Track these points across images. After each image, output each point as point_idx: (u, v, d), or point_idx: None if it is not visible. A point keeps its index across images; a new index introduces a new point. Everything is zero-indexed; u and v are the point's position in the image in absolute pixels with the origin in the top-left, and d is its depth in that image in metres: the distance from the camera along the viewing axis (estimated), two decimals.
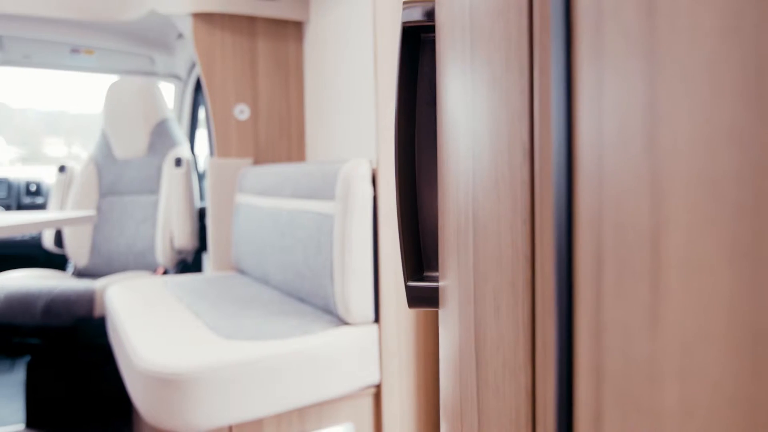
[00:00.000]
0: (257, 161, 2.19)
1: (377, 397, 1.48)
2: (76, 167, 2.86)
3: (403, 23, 0.49)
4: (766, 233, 0.16)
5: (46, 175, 3.39)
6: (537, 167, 0.30)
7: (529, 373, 0.32)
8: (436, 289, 0.50)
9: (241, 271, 2.11)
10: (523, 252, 0.32)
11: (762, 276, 0.16)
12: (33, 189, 3.29)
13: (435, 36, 0.50)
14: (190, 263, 2.71)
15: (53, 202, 2.79)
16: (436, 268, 0.52)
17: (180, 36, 2.59)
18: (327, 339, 1.36)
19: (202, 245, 2.62)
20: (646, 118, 0.19)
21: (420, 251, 0.51)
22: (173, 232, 2.53)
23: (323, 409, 1.40)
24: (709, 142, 0.17)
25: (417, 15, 0.49)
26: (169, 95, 3.19)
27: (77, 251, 2.68)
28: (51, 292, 2.14)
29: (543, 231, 0.29)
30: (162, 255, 2.55)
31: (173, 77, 3.13)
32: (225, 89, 2.12)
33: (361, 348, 1.42)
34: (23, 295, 2.14)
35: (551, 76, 0.26)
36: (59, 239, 2.74)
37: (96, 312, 2.14)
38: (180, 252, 2.58)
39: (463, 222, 0.39)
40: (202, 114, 3.07)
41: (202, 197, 2.95)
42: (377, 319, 1.47)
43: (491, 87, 0.35)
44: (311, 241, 1.54)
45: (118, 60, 2.90)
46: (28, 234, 3.09)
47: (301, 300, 1.65)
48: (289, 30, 2.21)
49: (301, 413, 1.37)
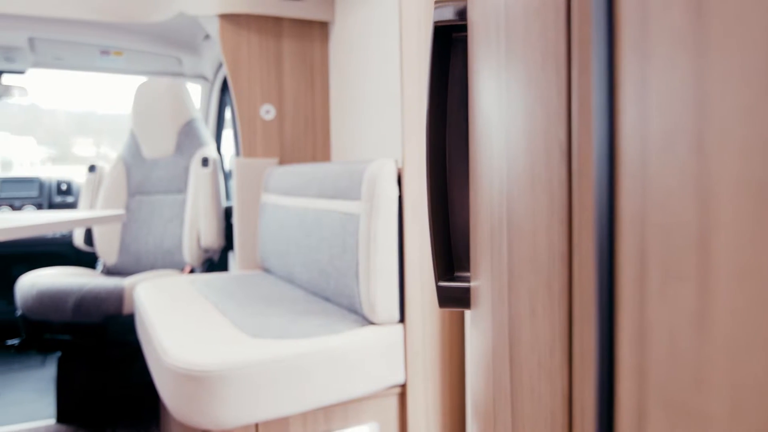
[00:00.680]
0: (282, 161, 2.20)
1: (402, 397, 1.48)
2: (105, 167, 2.91)
3: (435, 23, 0.49)
4: None
5: (76, 175, 3.46)
6: (575, 167, 0.30)
7: (566, 375, 0.31)
8: (467, 290, 0.50)
9: (267, 270, 2.12)
10: (560, 252, 0.32)
11: None
12: (64, 188, 3.36)
13: (466, 35, 0.50)
14: (216, 262, 2.74)
15: (83, 201, 2.85)
16: (467, 268, 0.52)
17: (207, 37, 2.62)
18: (352, 338, 1.36)
19: (228, 244, 2.64)
20: (694, 117, 0.19)
21: (451, 251, 0.51)
22: (200, 231, 2.56)
23: (348, 409, 1.40)
24: (762, 142, 0.17)
25: (449, 14, 0.49)
26: (196, 96, 3.23)
27: (106, 249, 2.73)
28: (81, 289, 2.18)
29: (581, 231, 0.28)
30: (189, 254, 2.58)
31: (200, 78, 3.17)
32: (251, 89, 2.14)
33: (387, 348, 1.42)
34: (55, 292, 2.18)
35: (592, 74, 0.25)
36: (89, 238, 2.79)
37: (125, 309, 2.17)
38: (206, 251, 2.61)
39: (497, 222, 0.38)
40: (228, 114, 3.10)
41: (228, 197, 2.98)
42: (402, 319, 1.47)
43: (527, 86, 0.35)
44: (337, 241, 1.54)
45: (146, 61, 2.95)
46: (59, 232, 3.16)
47: (327, 299, 1.66)
48: (315, 30, 2.22)
49: (327, 412, 1.37)
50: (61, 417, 2.28)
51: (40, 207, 3.27)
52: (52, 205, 3.32)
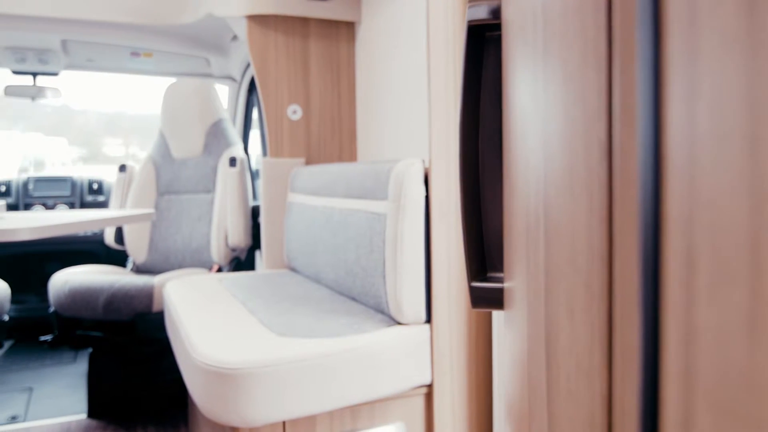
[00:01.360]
0: (309, 161, 2.22)
1: (429, 398, 1.48)
2: (135, 167, 2.96)
3: (468, 22, 0.49)
4: None
5: (106, 174, 3.53)
6: (616, 166, 0.30)
7: (606, 377, 0.31)
8: (500, 290, 0.49)
9: (293, 269, 2.14)
10: (600, 253, 0.31)
11: None
12: (95, 187, 3.43)
13: (500, 34, 0.50)
14: (242, 261, 2.77)
15: (114, 200, 2.90)
16: (499, 268, 0.52)
17: (234, 38, 2.65)
18: (379, 338, 1.36)
19: (254, 243, 2.67)
20: (747, 117, 0.19)
21: (483, 252, 0.51)
22: (227, 230, 2.59)
23: (375, 408, 1.40)
24: None
25: (482, 13, 0.48)
26: (224, 96, 3.27)
27: (136, 248, 2.77)
28: (112, 287, 2.22)
29: (623, 231, 0.28)
30: (216, 252, 2.61)
31: (227, 78, 3.20)
32: (278, 90, 2.16)
33: (413, 348, 1.42)
34: (86, 290, 2.22)
35: (636, 73, 0.25)
36: (120, 236, 2.84)
37: (154, 307, 2.21)
38: (234, 250, 2.64)
39: (533, 222, 0.38)
40: (254, 114, 3.13)
41: (255, 196, 3.01)
42: (429, 319, 1.46)
43: (565, 85, 0.35)
44: (363, 240, 1.55)
45: (175, 62, 2.99)
46: (90, 231, 3.22)
47: (353, 299, 1.66)
48: (341, 30, 2.23)
49: (353, 411, 1.38)
50: (92, 412, 2.33)
51: (72, 206, 3.34)
52: (83, 204, 3.39)
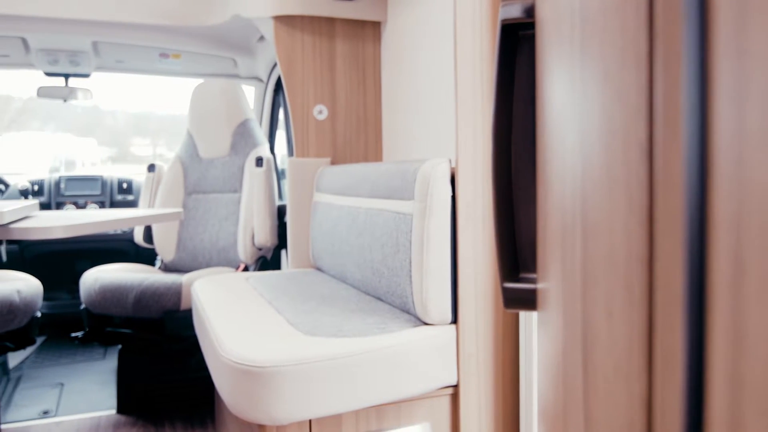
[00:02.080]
0: (335, 161, 2.22)
1: (455, 398, 1.47)
2: (164, 166, 3.00)
3: (502, 21, 0.49)
4: None
5: (135, 174, 3.59)
6: (657, 166, 0.29)
7: (645, 380, 0.31)
8: (533, 291, 0.49)
9: (319, 269, 2.15)
10: (638, 254, 0.31)
11: None
12: (125, 187, 3.49)
13: (534, 33, 0.50)
14: (269, 260, 2.79)
15: (143, 199, 2.94)
16: (532, 269, 0.51)
17: (261, 39, 2.67)
18: (405, 338, 1.36)
19: (281, 243, 2.69)
20: None
21: (516, 252, 0.51)
22: (254, 229, 2.61)
23: (401, 408, 1.40)
24: None
25: (516, 12, 0.48)
26: (250, 97, 3.30)
27: (165, 246, 2.81)
28: (141, 285, 2.26)
29: (665, 232, 0.28)
30: (243, 251, 2.64)
31: (254, 79, 3.23)
32: (304, 90, 2.17)
33: (439, 348, 1.41)
34: (116, 288, 2.26)
35: (681, 72, 0.25)
36: (149, 235, 2.88)
37: (183, 305, 2.24)
38: (260, 249, 2.66)
39: (570, 223, 0.38)
40: (281, 114, 3.15)
41: (281, 196, 3.03)
42: (455, 320, 1.46)
43: (603, 84, 0.34)
44: (389, 240, 1.55)
45: (202, 63, 3.03)
46: (120, 229, 3.28)
47: (379, 298, 1.66)
48: (367, 30, 2.23)
49: (379, 411, 1.38)
50: (122, 408, 2.37)
51: (102, 205, 3.40)
52: (113, 203, 3.45)
